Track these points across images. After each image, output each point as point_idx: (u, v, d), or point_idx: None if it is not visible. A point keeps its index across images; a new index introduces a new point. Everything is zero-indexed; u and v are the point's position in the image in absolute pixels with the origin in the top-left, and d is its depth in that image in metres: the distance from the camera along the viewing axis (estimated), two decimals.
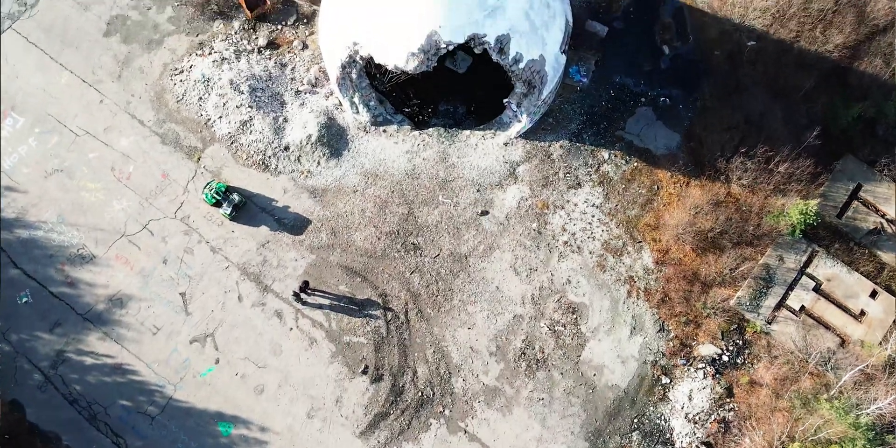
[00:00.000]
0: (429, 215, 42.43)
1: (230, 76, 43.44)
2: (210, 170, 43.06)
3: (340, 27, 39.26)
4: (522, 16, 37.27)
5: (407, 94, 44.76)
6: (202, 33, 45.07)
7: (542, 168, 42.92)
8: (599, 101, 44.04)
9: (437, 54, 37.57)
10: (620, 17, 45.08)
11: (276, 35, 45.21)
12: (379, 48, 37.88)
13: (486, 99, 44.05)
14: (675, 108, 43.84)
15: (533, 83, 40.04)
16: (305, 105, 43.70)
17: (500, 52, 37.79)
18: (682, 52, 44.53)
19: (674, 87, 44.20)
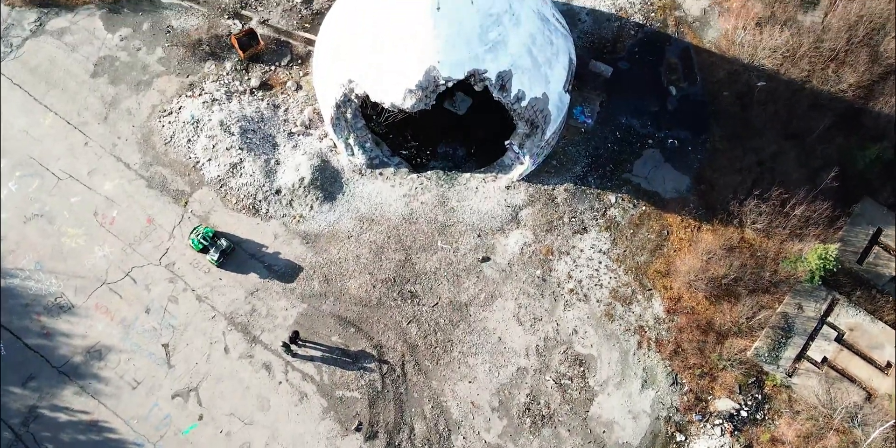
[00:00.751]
0: (427, 262, 40.88)
1: (220, 117, 42.39)
2: (197, 214, 41.58)
3: (335, 65, 38.32)
4: (525, 52, 36.39)
5: (404, 135, 43.67)
6: (193, 74, 44.23)
7: (546, 212, 41.54)
8: (605, 142, 42.97)
9: (435, 91, 36.53)
10: (625, 57, 44.29)
11: (270, 76, 44.36)
12: (375, 85, 36.86)
13: (487, 141, 42.83)
14: (684, 150, 42.69)
15: (536, 123, 38.96)
16: (298, 147, 42.54)
17: (502, 89, 36.76)
18: (690, 93, 43.60)
19: (682, 129, 43.14)
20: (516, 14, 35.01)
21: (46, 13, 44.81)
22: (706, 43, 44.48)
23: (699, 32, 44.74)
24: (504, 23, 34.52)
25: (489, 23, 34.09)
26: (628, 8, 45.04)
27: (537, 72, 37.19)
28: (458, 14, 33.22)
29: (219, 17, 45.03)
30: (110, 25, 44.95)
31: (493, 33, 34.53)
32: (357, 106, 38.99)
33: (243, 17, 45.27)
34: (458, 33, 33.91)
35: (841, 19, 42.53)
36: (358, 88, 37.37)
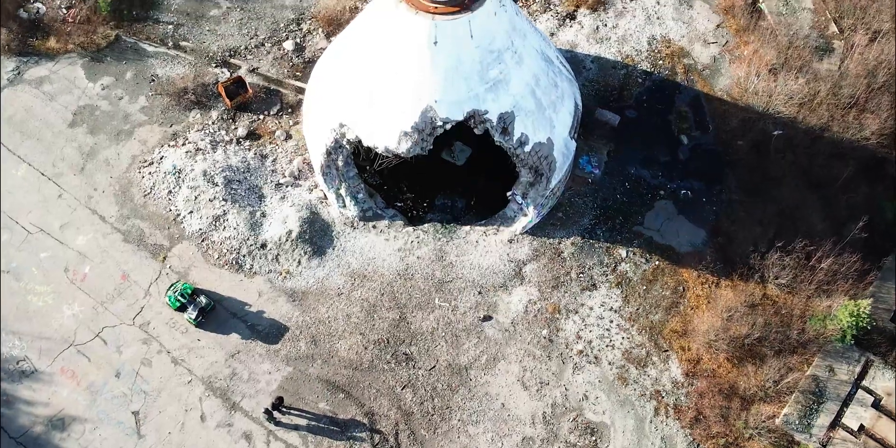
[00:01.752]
0: (423, 321, 38.26)
1: (204, 167, 40.45)
2: (177, 270, 39.19)
3: (326, 109, 36.66)
4: (528, 92, 34.78)
5: (400, 187, 41.72)
6: (177, 124, 42.52)
7: (552, 268, 39.22)
8: (614, 194, 40.97)
9: (432, 134, 34.73)
10: (633, 105, 42.77)
11: (258, 125, 42.68)
12: (368, 129, 35.00)
13: (488, 192, 40.89)
14: (698, 202, 40.66)
15: (540, 170, 37.09)
16: (286, 199, 40.48)
17: (504, 132, 34.98)
18: (702, 142, 41.89)
19: (695, 180, 41.22)
20: (518, 52, 33.52)
21: (25, 62, 43.39)
22: (717, 91, 43.08)
23: (710, 80, 43.40)
24: (506, 60, 33.02)
25: (490, 60, 32.54)
26: (635, 55, 43.85)
27: (541, 115, 35.54)
28: (457, 49, 31.65)
29: (206, 66, 43.65)
30: (92, 74, 43.54)
31: (494, 71, 32.94)
32: (349, 153, 37.18)
33: (232, 66, 43.89)
34: (457, 70, 32.26)
35: (859, 65, 41.19)
36: (350, 133, 35.62)
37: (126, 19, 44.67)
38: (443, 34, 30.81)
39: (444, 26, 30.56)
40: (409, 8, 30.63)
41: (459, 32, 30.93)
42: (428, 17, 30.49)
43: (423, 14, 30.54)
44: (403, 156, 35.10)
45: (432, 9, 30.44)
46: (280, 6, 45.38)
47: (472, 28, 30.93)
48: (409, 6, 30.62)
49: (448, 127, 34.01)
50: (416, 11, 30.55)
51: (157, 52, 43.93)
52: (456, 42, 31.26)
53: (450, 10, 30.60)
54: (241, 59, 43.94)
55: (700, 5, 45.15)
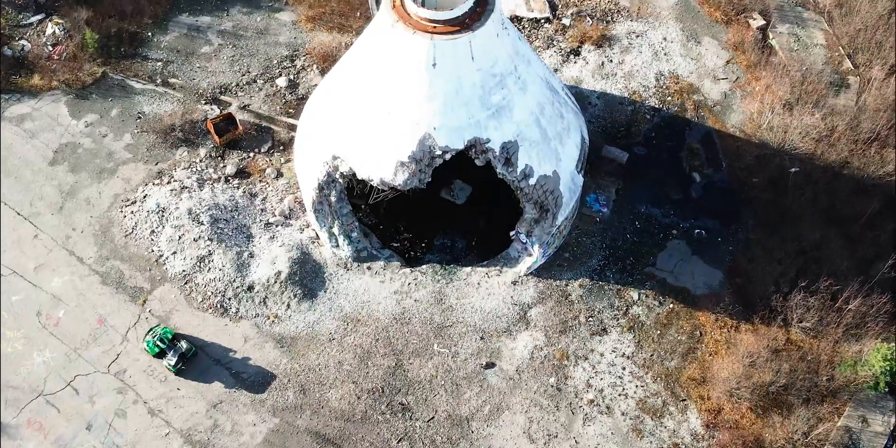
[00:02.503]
0: (421, 368, 35.78)
1: (190, 205, 38.54)
2: (157, 314, 36.85)
3: (318, 142, 35.00)
4: (532, 121, 33.18)
5: (396, 226, 40.00)
6: (162, 161, 40.77)
7: (560, 311, 36.99)
8: (623, 233, 38.99)
9: (431, 165, 32.93)
10: (641, 142, 41.16)
11: (248, 163, 40.91)
12: (362, 160, 33.14)
13: (490, 231, 39.14)
14: (713, 241, 38.64)
15: (546, 205, 35.25)
16: (276, 238, 38.51)
17: (507, 163, 33.21)
18: (716, 180, 40.10)
19: (709, 218, 39.22)
20: (522, 77, 31.99)
21: (7, 99, 41.80)
22: (730, 127, 41.54)
23: (721, 116, 41.91)
24: (508, 85, 31.48)
25: (492, 84, 31.00)
26: (642, 91, 42.45)
27: (546, 146, 33.91)
28: (457, 72, 30.02)
29: (195, 103, 42.14)
30: (76, 111, 42.01)
31: (496, 96, 31.38)
32: (342, 187, 35.40)
33: (222, 103, 42.49)
34: (457, 94, 30.65)
35: (877, 99, 39.69)
36: (343, 165, 33.87)
37: (114, 56, 43.52)
38: (442, 55, 29.32)
39: (444, 47, 29.10)
40: (407, 27, 29.20)
41: (460, 53, 29.45)
42: (426, 36, 29.03)
43: (421, 34, 29.08)
44: (400, 189, 33.35)
45: (431, 28, 29.00)
46: (274, 43, 44.31)
47: (472, 49, 29.47)
48: (407, 26, 29.21)
49: (448, 157, 32.26)
50: (414, 31, 29.10)
51: (145, 89, 42.59)
52: (456, 64, 29.74)
53: (449, 29, 29.16)
54: (231, 96, 42.58)
55: (709, 41, 44.09)
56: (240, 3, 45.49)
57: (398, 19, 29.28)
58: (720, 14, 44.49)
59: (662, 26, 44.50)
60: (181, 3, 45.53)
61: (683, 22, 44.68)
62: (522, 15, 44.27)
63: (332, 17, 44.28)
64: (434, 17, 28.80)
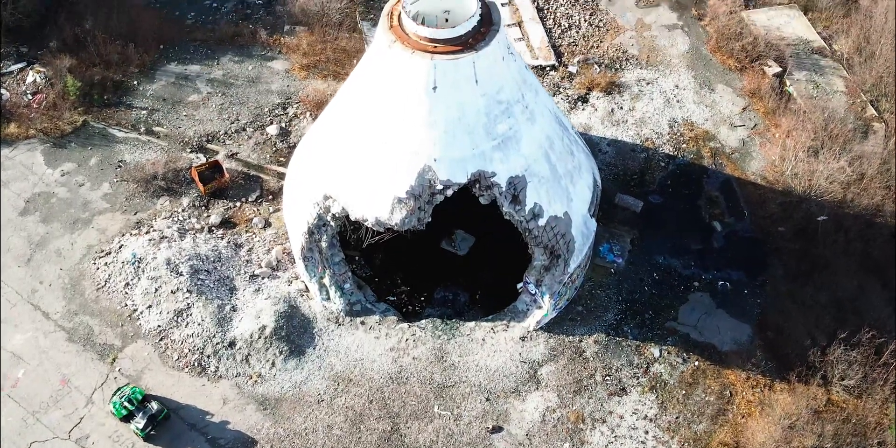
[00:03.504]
0: (420, 433, 32.08)
1: (168, 255, 35.82)
2: (127, 374, 33.54)
3: (309, 183, 32.71)
4: (541, 156, 30.88)
5: (393, 279, 37.28)
6: (142, 211, 38.27)
7: (573, 369, 33.70)
8: (641, 285, 36.17)
9: (431, 202, 30.41)
10: (656, 190, 38.87)
11: (234, 213, 38.44)
12: (356, 198, 30.55)
13: (495, 284, 36.45)
14: (740, 294, 35.79)
15: (556, 251, 32.58)
16: (261, 291, 35.64)
17: (514, 201, 30.69)
18: (738, 229, 37.53)
19: (733, 269, 36.44)
20: (530, 107, 29.92)
21: None
22: (750, 174, 39.31)
23: (740, 164, 39.76)
24: (515, 114, 29.35)
25: (497, 112, 28.87)
26: (655, 139, 40.46)
27: (557, 184, 31.56)
28: (459, 97, 27.89)
29: (180, 151, 39.89)
30: (52, 160, 39.74)
31: (502, 126, 29.20)
32: (334, 232, 32.83)
33: (209, 151, 40.33)
34: (460, 121, 28.42)
35: None
36: (335, 205, 31.37)
37: (96, 104, 41.60)
38: (443, 77, 27.25)
39: (445, 68, 27.07)
40: (405, 47, 27.22)
41: (462, 76, 27.38)
42: (426, 56, 27.01)
43: (420, 54, 27.08)
44: (397, 229, 30.82)
45: (431, 48, 27.07)
46: (265, 91, 42.51)
47: (476, 71, 27.43)
48: (405, 46, 27.22)
49: (449, 193, 29.75)
50: (413, 51, 27.14)
51: (127, 137, 40.51)
52: (458, 88, 27.61)
53: (451, 49, 27.28)
54: (219, 145, 40.47)
55: (722, 89, 42.37)
56: (231, 52, 44.11)
57: (396, 39, 27.34)
58: (733, 62, 42.97)
59: (674, 74, 42.89)
60: (170, 52, 44.11)
61: (695, 70, 43.11)
62: (527, 62, 42.74)
63: (328, 64, 42.70)
64: (435, 36, 26.81)
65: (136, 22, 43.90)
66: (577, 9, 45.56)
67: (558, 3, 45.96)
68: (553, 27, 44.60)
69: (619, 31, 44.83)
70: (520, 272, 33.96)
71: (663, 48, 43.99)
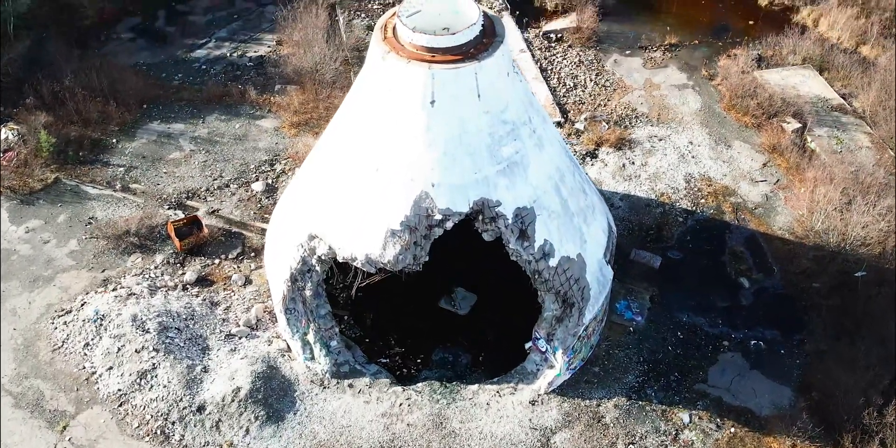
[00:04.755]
0: None
1: (135, 311, 32.24)
2: (79, 443, 28.88)
3: (293, 223, 29.77)
4: (551, 187, 28.12)
5: (386, 339, 33.70)
6: (110, 269, 35.12)
7: (591, 437, 29.37)
8: (664, 345, 32.55)
9: (428, 237, 27.37)
10: (675, 246, 36.00)
11: (212, 270, 35.23)
12: (345, 234, 27.65)
13: (501, 344, 32.84)
14: (775, 354, 32.03)
15: (570, 298, 29.25)
16: (237, 351, 31.86)
17: (522, 236, 27.92)
18: (768, 286, 34.35)
19: (766, 328, 32.84)
20: (538, 132, 27.43)
21: None
22: (776, 229, 36.48)
23: (765, 219, 36.96)
24: (522, 138, 26.84)
25: (503, 132, 26.34)
26: (671, 193, 37.88)
27: (569, 222, 28.70)
28: (460, 112, 25.36)
29: (157, 208, 37.51)
30: (17, 217, 36.81)
31: (508, 148, 26.60)
32: (320, 278, 29.61)
33: (188, 208, 37.68)
34: (461, 141, 25.84)
35: None
36: (322, 245, 28.33)
37: (70, 162, 39.09)
38: (442, 90, 24.90)
39: (444, 78, 24.73)
40: (400, 58, 25.07)
41: (463, 88, 25.04)
42: (423, 66, 24.99)
43: (417, 63, 25.03)
44: (391, 268, 27.69)
45: (428, 57, 25.04)
46: (252, 149, 40.16)
47: (479, 84, 25.12)
48: (400, 56, 25.17)
49: (449, 225, 26.82)
50: (409, 61, 25.06)
51: (101, 194, 37.81)
52: (459, 102, 25.17)
53: (450, 58, 25.23)
54: (199, 201, 37.71)
55: (740, 145, 40.12)
56: (218, 111, 42.09)
57: (390, 50, 25.09)
58: (749, 119, 40.92)
59: (687, 131, 40.77)
60: (153, 111, 42.21)
61: (709, 127, 41.05)
62: None
63: (319, 121, 40.36)
64: (433, 45, 24.46)
65: (120, 81, 42.29)
66: (581, 69, 44.17)
67: (562, 64, 44.80)
68: (557, 86, 43.00)
69: (627, 91, 43.15)
70: (528, 331, 30.62)
71: (674, 106, 42.14)
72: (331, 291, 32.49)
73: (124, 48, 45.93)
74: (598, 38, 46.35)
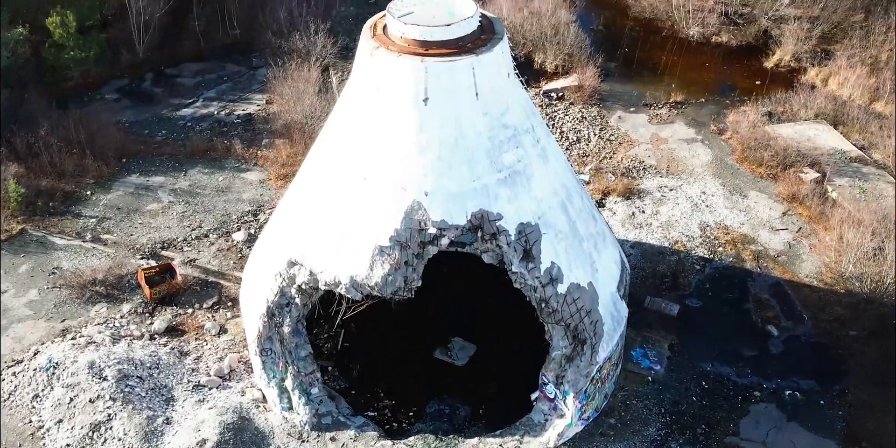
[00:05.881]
0: None
1: (93, 358, 28.71)
2: None
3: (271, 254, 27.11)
4: (557, 204, 25.42)
5: (375, 391, 30.19)
6: (71, 318, 31.99)
7: None
8: (687, 395, 28.93)
9: (421, 256, 24.62)
10: (693, 293, 33.07)
11: (184, 319, 32.10)
12: (327, 256, 24.77)
13: (504, 394, 29.44)
14: (814, 404, 28.36)
15: (581, 334, 25.98)
16: (206, 401, 28.21)
17: (526, 257, 25.15)
18: (800, 334, 31.13)
19: (802, 377, 29.52)
20: (542, 143, 24.98)
21: None
22: (803, 277, 33.54)
23: (790, 267, 34.15)
24: (525, 146, 24.41)
25: (503, 137, 23.93)
26: (686, 241, 35.15)
27: (578, 246, 25.92)
28: (456, 111, 22.93)
29: (129, 257, 34.99)
30: None
31: (509, 156, 24.09)
32: (301, 314, 26.55)
33: (162, 258, 34.78)
34: (457, 144, 23.29)
35: None
36: (302, 272, 25.42)
37: (39, 213, 36.58)
38: (436, 85, 22.70)
39: (439, 71, 22.56)
40: (390, 52, 23.20)
41: (460, 84, 22.81)
42: (415, 59, 22.99)
43: (408, 56, 23.08)
44: (379, 293, 24.73)
45: (422, 50, 23.08)
46: (235, 200, 37.68)
47: (477, 81, 22.98)
48: (389, 50, 23.25)
49: (445, 242, 24.13)
50: (400, 54, 23.14)
51: (69, 245, 35.09)
52: (455, 100, 22.90)
53: (445, 51, 23.30)
54: (175, 251, 34.96)
55: (756, 195, 37.72)
56: (201, 164, 39.93)
57: (379, 45, 23.20)
58: (763, 169, 38.77)
59: (699, 182, 38.60)
60: (132, 165, 40.21)
61: (722, 177, 38.82)
62: None
63: None
64: (426, 37, 22.18)
65: (99, 134, 40.33)
66: (584, 124, 42.38)
67: (564, 120, 43.08)
68: (560, 140, 41.06)
69: (633, 144, 41.21)
70: (533, 381, 27.38)
71: (684, 159, 40.10)
72: (314, 341, 29.51)
73: (107, 107, 44.32)
74: (600, 96, 44.93)
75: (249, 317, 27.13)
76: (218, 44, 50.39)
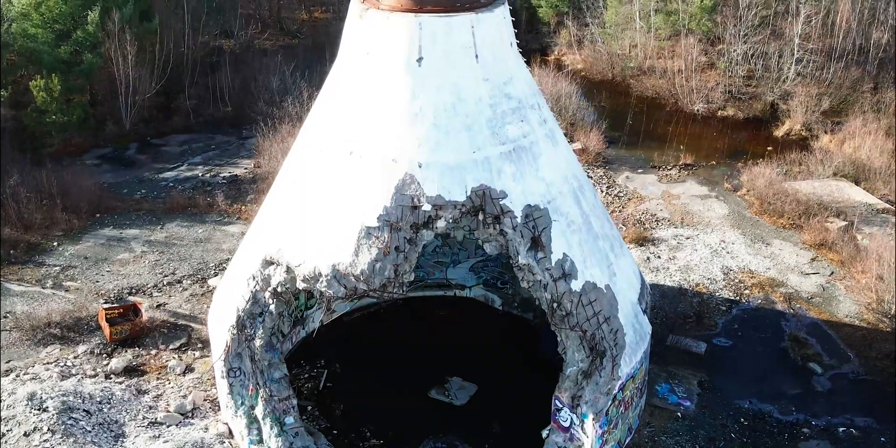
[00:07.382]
0: None
1: (34, 389, 24.99)
2: None
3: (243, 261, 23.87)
4: (568, 191, 22.29)
5: (360, 430, 26.01)
6: (18, 359, 28.50)
7: None
8: (724, 432, 24.72)
9: (414, 241, 21.43)
10: (721, 333, 29.62)
11: (146, 360, 28.54)
12: (307, 245, 21.58)
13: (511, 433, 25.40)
14: (874, 442, 24.22)
15: (600, 344, 22.39)
16: (160, 437, 24.33)
17: (534, 245, 21.97)
18: (847, 372, 27.47)
19: (855, 414, 25.73)
20: (549, 124, 22.31)
21: None
22: (843, 317, 30.21)
23: (826, 308, 30.72)
24: (531, 121, 21.79)
25: (507, 108, 21.36)
26: (708, 284, 31.87)
27: (593, 242, 22.80)
28: (454, 74, 20.45)
29: (92, 302, 31.57)
30: None
31: (514, 128, 21.47)
32: (275, 323, 23.12)
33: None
34: (455, 110, 20.68)
35: None
36: (278, 272, 22.14)
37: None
38: (431, 43, 20.44)
39: (434, 27, 20.34)
40: (380, 11, 21.16)
41: (457, 44, 20.53)
42: (409, 15, 20.89)
43: (401, 14, 20.99)
44: (365, 286, 21.39)
45: (416, 8, 21.01)
46: (214, 249, 34.72)
47: (476, 41, 20.76)
48: (380, 9, 21.19)
49: (441, 224, 21.22)
50: (391, 12, 21.05)
51: (27, 291, 31.95)
52: (452, 61, 20.55)
53: (441, 8, 21.21)
54: (144, 297, 31.64)
55: (780, 243, 34.87)
56: (180, 218, 37.29)
57: (368, 7, 21.24)
58: (785, 220, 36.24)
59: (717, 231, 35.83)
60: (106, 219, 37.63)
61: (742, 228, 36.10)
62: None
63: None
64: None
65: (73, 187, 37.94)
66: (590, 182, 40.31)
67: None
68: None
69: (643, 200, 38.73)
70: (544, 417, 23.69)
71: (699, 212, 37.50)
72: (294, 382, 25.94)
73: (87, 170, 42.10)
74: (605, 159, 43.05)
75: (217, 334, 23.78)
76: (208, 118, 49.25)
